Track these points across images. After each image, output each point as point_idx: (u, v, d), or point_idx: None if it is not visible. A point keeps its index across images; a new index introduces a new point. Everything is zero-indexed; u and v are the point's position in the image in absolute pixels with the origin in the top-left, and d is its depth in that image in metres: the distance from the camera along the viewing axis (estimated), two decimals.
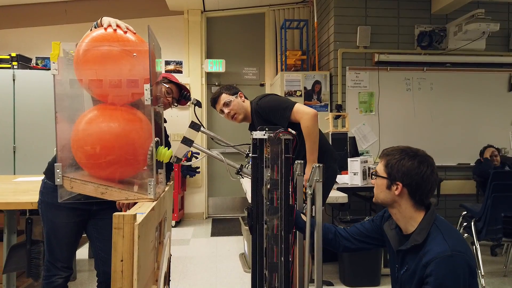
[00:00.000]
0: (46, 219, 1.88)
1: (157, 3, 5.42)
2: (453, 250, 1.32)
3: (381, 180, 1.51)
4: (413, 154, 1.48)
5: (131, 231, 1.09)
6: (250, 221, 1.63)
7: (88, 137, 1.46)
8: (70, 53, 1.46)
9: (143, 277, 1.18)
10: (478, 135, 4.73)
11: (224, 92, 2.45)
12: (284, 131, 1.62)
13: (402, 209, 1.48)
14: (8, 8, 5.31)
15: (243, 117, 2.46)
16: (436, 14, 4.73)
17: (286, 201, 1.58)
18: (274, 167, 1.61)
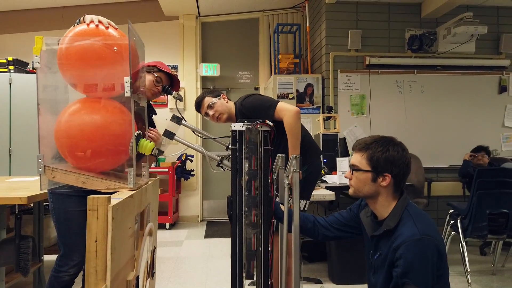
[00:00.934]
0: (59, 210, 1.88)
1: (152, 9, 5.51)
2: (422, 234, 1.35)
3: (365, 174, 1.50)
4: (393, 142, 1.51)
5: (105, 213, 1.14)
6: (230, 211, 1.67)
7: (70, 128, 1.51)
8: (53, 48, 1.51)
9: (118, 260, 1.22)
10: (469, 137, 4.77)
11: (207, 96, 2.51)
12: (262, 123, 1.67)
13: (383, 198, 1.50)
14: (5, 13, 5.40)
15: (227, 116, 2.51)
16: (426, 18, 4.80)
17: (265, 192, 1.62)
18: (252, 158, 1.66)
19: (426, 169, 4.61)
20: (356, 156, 1.56)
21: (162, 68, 2.15)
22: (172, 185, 5.09)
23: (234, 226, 1.65)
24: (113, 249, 1.15)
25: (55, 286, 1.91)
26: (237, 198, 1.64)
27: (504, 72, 4.91)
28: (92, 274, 1.11)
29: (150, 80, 2.08)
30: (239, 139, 1.69)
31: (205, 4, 5.36)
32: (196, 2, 5.24)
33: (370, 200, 1.56)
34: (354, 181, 1.55)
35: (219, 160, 2.03)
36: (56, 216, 1.90)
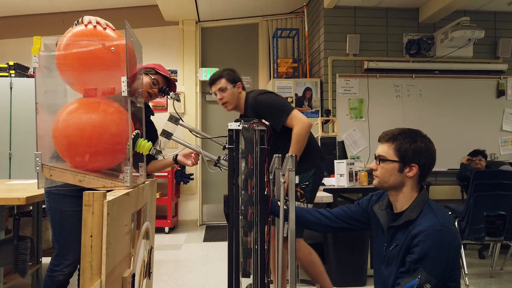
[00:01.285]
0: (54, 210, 1.90)
1: (153, 14, 5.56)
2: (443, 225, 1.37)
3: (392, 164, 1.51)
4: (420, 134, 1.55)
5: (100, 208, 1.15)
6: (226, 210, 1.68)
7: (68, 127, 1.53)
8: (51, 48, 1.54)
9: (113, 255, 1.23)
10: (467, 141, 4.78)
11: (225, 77, 2.44)
12: (258, 122, 1.68)
13: (408, 189, 1.51)
14: (7, 19, 5.46)
15: (234, 107, 2.49)
16: (423, 23, 4.84)
17: (261, 190, 1.64)
18: (248, 157, 1.67)
19: None
20: (383, 147, 1.57)
21: (159, 70, 2.18)
22: (172, 189, 5.10)
23: (231, 225, 1.66)
24: (108, 244, 1.16)
25: (50, 286, 1.92)
26: (233, 197, 1.66)
27: (502, 76, 4.94)
28: (87, 269, 1.13)
29: (146, 82, 2.11)
30: (236, 138, 1.71)
31: (204, 9, 5.41)
32: (196, 7, 5.29)
33: (393, 191, 1.56)
34: (380, 172, 1.56)
35: (216, 160, 2.05)
36: (52, 216, 1.92)
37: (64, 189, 1.84)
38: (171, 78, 2.25)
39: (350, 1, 4.60)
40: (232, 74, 2.47)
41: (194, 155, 2.24)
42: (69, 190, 1.85)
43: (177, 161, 2.25)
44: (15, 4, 5.01)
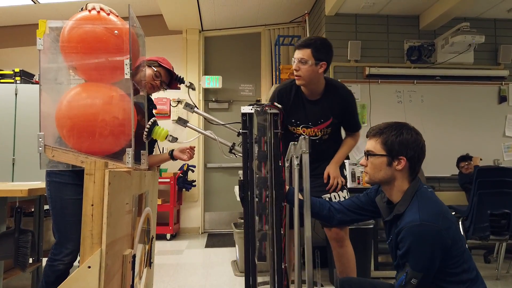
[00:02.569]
0: (56, 198, 1.90)
1: (157, 23, 5.65)
2: (422, 220, 1.35)
3: (380, 158, 1.51)
4: (406, 126, 1.54)
5: (102, 177, 1.16)
6: (241, 193, 1.67)
7: (71, 109, 1.55)
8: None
9: (114, 226, 1.23)
10: (470, 147, 4.75)
11: (312, 49, 2.10)
12: (271, 105, 1.69)
13: (399, 183, 1.51)
14: (14, 27, 5.56)
15: (304, 83, 2.17)
16: (424, 29, 4.89)
17: (276, 174, 1.63)
18: (261, 140, 1.67)
19: (428, 178, 4.60)
20: (371, 142, 1.56)
21: (163, 63, 2.21)
22: (174, 196, 5.09)
23: (246, 209, 1.65)
24: (109, 214, 1.16)
25: (50, 276, 1.91)
26: (248, 180, 1.65)
27: (504, 82, 4.94)
28: (87, 238, 1.13)
29: (149, 73, 2.14)
30: (249, 123, 1.71)
31: (208, 19, 5.49)
32: (200, 17, 5.38)
33: (385, 186, 1.56)
34: (370, 167, 1.55)
35: (231, 146, 2.06)
36: (53, 204, 1.92)
37: (65, 176, 1.85)
38: (173, 72, 2.28)
39: (351, 8, 4.66)
40: (321, 48, 2.12)
41: (190, 150, 2.25)
42: (70, 177, 1.86)
43: (173, 156, 2.26)
44: (22, 13, 5.11)
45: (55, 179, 1.91)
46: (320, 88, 2.20)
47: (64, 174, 1.85)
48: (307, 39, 2.15)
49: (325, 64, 2.14)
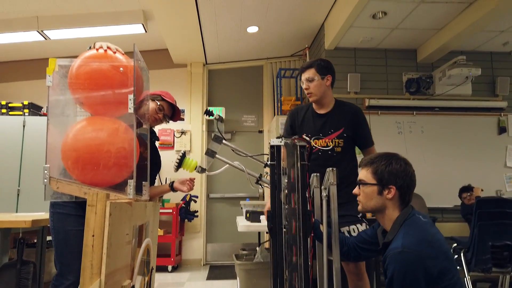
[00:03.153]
0: (58, 229, 1.93)
1: (163, 57, 5.83)
2: (404, 247, 1.38)
3: (371, 188, 1.57)
4: (396, 157, 1.60)
5: (103, 208, 1.20)
6: (270, 224, 1.70)
7: (77, 142, 1.61)
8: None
9: (114, 257, 1.26)
10: (472, 178, 4.76)
11: (315, 67, 2.36)
12: (299, 138, 1.75)
13: (390, 212, 1.55)
14: (24, 62, 5.76)
15: (317, 99, 2.38)
16: (421, 62, 5.01)
17: (303, 205, 1.66)
18: (291, 171, 1.72)
19: (430, 209, 4.59)
20: (362, 172, 1.63)
21: (166, 97, 2.29)
22: (176, 227, 5.08)
23: (274, 239, 1.67)
24: (109, 245, 1.20)
25: None
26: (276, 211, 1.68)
27: (502, 113, 5.01)
28: (87, 268, 1.16)
29: (152, 107, 2.22)
30: (277, 155, 1.76)
31: (212, 53, 5.67)
32: (204, 51, 5.56)
33: (378, 214, 1.60)
34: (362, 196, 1.61)
35: (258, 177, 2.10)
36: (55, 235, 1.95)
37: (69, 207, 1.90)
38: (176, 105, 2.36)
39: (350, 42, 4.81)
40: (324, 65, 2.37)
41: (189, 182, 2.30)
42: (73, 209, 1.90)
43: (173, 188, 2.30)
44: (33, 48, 5.30)
45: (58, 210, 1.96)
46: (330, 102, 2.40)
47: (67, 205, 1.90)
48: (309, 61, 2.41)
49: (331, 77, 2.38)
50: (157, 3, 4.14)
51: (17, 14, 4.45)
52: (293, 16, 4.62)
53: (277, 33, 5.11)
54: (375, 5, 3.93)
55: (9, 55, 5.57)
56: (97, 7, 4.43)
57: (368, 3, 3.82)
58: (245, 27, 4.87)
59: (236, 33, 5.03)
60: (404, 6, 3.97)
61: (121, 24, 4.60)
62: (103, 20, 4.57)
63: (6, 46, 5.10)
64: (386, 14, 4.13)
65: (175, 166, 2.02)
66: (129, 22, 4.58)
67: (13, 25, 4.54)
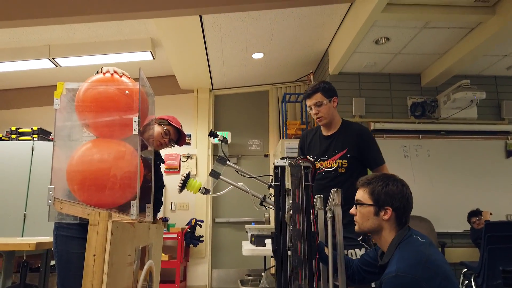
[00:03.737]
0: (62, 252, 1.93)
1: (170, 83, 5.94)
2: (398, 271, 1.36)
3: (368, 208, 1.57)
4: (392, 178, 1.60)
5: (104, 227, 1.21)
6: (274, 246, 1.69)
7: (82, 163, 1.63)
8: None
9: (115, 278, 1.26)
10: (482, 201, 4.68)
11: (320, 91, 2.39)
12: (303, 158, 1.75)
13: (387, 233, 1.55)
14: (35, 89, 5.90)
15: (327, 122, 2.42)
16: (426, 86, 5.05)
17: (308, 227, 1.65)
18: (295, 192, 1.72)
19: (439, 234, 4.51)
20: (359, 192, 1.64)
21: (172, 122, 2.34)
22: (181, 252, 5.03)
23: (279, 262, 1.65)
24: (110, 265, 1.20)
25: None
26: (281, 233, 1.67)
27: (509, 136, 4.98)
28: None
29: (158, 131, 2.25)
30: (282, 176, 1.76)
31: (218, 79, 5.78)
32: (210, 77, 5.66)
33: (375, 235, 1.60)
34: (358, 216, 1.62)
35: (262, 198, 2.10)
36: (58, 258, 1.95)
37: (73, 230, 1.90)
38: (182, 131, 2.39)
39: (354, 67, 4.88)
40: (328, 88, 2.42)
41: None
42: (77, 231, 1.91)
43: None
44: (43, 75, 5.44)
45: (62, 232, 1.96)
46: (338, 122, 2.43)
47: (71, 228, 1.91)
48: (313, 87, 2.43)
49: (336, 98, 2.43)
50: (165, 31, 4.26)
51: (30, 43, 4.60)
52: (297, 42, 4.71)
53: (281, 59, 5.20)
54: (378, 31, 4.00)
55: (20, 82, 5.72)
56: (107, 36, 4.56)
57: (371, 29, 3.89)
58: (251, 53, 4.96)
59: (242, 59, 5.13)
60: (406, 32, 4.04)
61: (130, 51, 4.72)
62: (112, 48, 4.70)
63: (18, 73, 5.25)
64: (388, 40, 4.19)
65: (179, 187, 2.04)
66: (137, 49, 4.71)
67: (25, 53, 4.68)
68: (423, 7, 3.54)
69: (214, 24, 4.18)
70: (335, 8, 3.96)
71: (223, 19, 4.10)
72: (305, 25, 4.29)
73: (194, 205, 5.59)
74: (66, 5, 3.64)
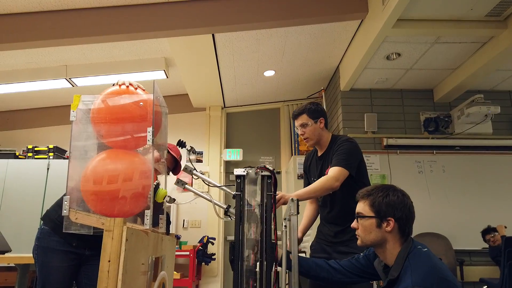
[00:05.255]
0: (41, 264, 1.97)
1: (183, 102, 6.03)
2: (415, 284, 1.33)
3: (369, 220, 1.54)
4: (392, 188, 1.58)
5: (120, 233, 1.22)
6: (231, 256, 1.68)
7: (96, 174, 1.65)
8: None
9: (129, 285, 1.26)
10: (499, 218, 4.55)
11: (306, 113, 2.38)
12: (263, 167, 1.76)
13: (391, 245, 1.51)
14: (52, 109, 6.04)
15: (314, 143, 2.41)
16: (439, 102, 5.02)
17: (267, 237, 1.64)
18: (252, 201, 1.72)
19: (457, 252, 4.39)
20: (360, 204, 1.60)
21: (171, 151, 2.39)
22: (193, 270, 4.99)
23: (236, 272, 1.64)
24: (124, 271, 1.20)
25: None
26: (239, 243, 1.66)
27: None
28: None
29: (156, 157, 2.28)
30: (243, 185, 1.77)
31: (230, 97, 5.85)
32: (222, 95, 5.73)
33: (378, 249, 1.56)
34: (360, 229, 1.58)
35: (226, 208, 2.09)
36: (39, 269, 1.98)
37: (54, 241, 1.93)
38: (179, 161, 2.44)
39: (365, 83, 4.89)
40: (314, 109, 2.40)
41: None
42: (57, 243, 1.94)
43: None
44: (60, 95, 5.58)
45: (43, 244, 2.00)
46: (326, 142, 2.39)
47: (52, 239, 1.95)
48: (300, 108, 2.43)
49: (323, 119, 2.39)
50: (178, 50, 4.35)
51: (48, 63, 4.74)
52: (309, 59, 4.76)
53: (293, 76, 5.25)
54: (389, 46, 4.02)
55: (38, 102, 5.87)
56: (122, 56, 4.68)
57: (382, 45, 3.92)
58: (262, 71, 5.03)
59: (254, 76, 5.19)
60: (418, 47, 4.05)
61: (144, 71, 4.83)
62: (127, 68, 4.81)
63: (35, 93, 5.39)
64: (400, 55, 4.21)
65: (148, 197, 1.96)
66: (151, 69, 4.81)
67: (43, 74, 4.82)
68: (433, 22, 3.56)
69: (226, 42, 4.26)
70: (346, 25, 4.01)
71: (235, 37, 4.18)
72: (316, 42, 4.34)
73: (206, 222, 5.57)
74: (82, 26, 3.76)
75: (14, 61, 4.58)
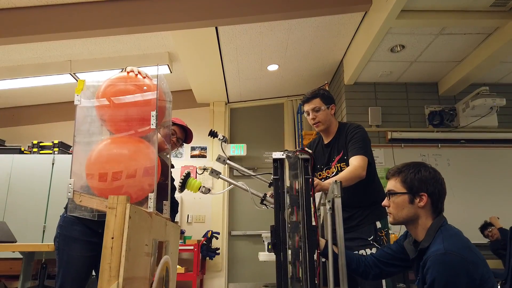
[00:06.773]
0: (62, 252, 1.97)
1: (187, 97, 6.04)
2: (447, 249, 1.33)
3: (402, 197, 1.53)
4: (423, 164, 1.58)
5: (123, 211, 1.22)
6: (273, 239, 1.65)
7: (100, 157, 1.66)
8: None
9: (132, 263, 1.26)
10: (504, 212, 4.54)
11: (319, 97, 2.38)
12: (301, 150, 1.73)
13: (423, 220, 1.51)
14: (56, 105, 6.07)
15: (324, 128, 2.40)
16: (443, 95, 4.99)
17: (308, 220, 1.61)
18: (293, 184, 1.69)
19: None
20: (391, 182, 1.60)
21: (176, 121, 2.37)
22: (197, 264, 4.99)
23: (278, 255, 1.61)
24: (128, 248, 1.20)
25: None
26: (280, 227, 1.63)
27: None
28: (106, 270, 1.16)
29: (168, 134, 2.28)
30: (281, 169, 1.73)
31: (233, 92, 5.85)
32: (226, 90, 5.73)
33: (410, 225, 1.55)
34: (392, 207, 1.57)
35: (262, 197, 2.07)
36: (59, 257, 1.96)
37: (76, 230, 1.93)
38: (187, 128, 2.42)
39: (369, 77, 4.87)
40: (327, 95, 2.42)
41: None
42: (80, 233, 1.93)
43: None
44: (65, 90, 5.60)
45: (66, 232, 1.99)
46: (334, 129, 2.41)
47: (75, 228, 1.95)
48: (312, 92, 2.43)
49: (334, 106, 2.42)
50: (182, 44, 4.36)
51: (52, 58, 4.76)
52: (312, 53, 4.75)
53: (296, 70, 5.24)
54: (393, 38, 4.01)
55: (42, 98, 5.89)
56: (126, 51, 4.69)
57: (386, 36, 3.90)
58: (266, 65, 5.02)
59: (257, 71, 5.19)
60: (422, 39, 4.03)
61: (147, 65, 4.83)
62: (130, 62, 4.82)
63: (40, 89, 5.42)
64: (404, 47, 4.19)
65: (179, 186, 2.01)
66: (155, 63, 4.81)
67: (48, 69, 4.84)
68: (438, 13, 3.54)
69: (229, 35, 4.26)
70: (349, 17, 3.99)
71: (238, 31, 4.18)
72: (320, 36, 4.33)
73: (211, 217, 5.58)
74: (86, 19, 3.77)
75: (18, 56, 4.61)
